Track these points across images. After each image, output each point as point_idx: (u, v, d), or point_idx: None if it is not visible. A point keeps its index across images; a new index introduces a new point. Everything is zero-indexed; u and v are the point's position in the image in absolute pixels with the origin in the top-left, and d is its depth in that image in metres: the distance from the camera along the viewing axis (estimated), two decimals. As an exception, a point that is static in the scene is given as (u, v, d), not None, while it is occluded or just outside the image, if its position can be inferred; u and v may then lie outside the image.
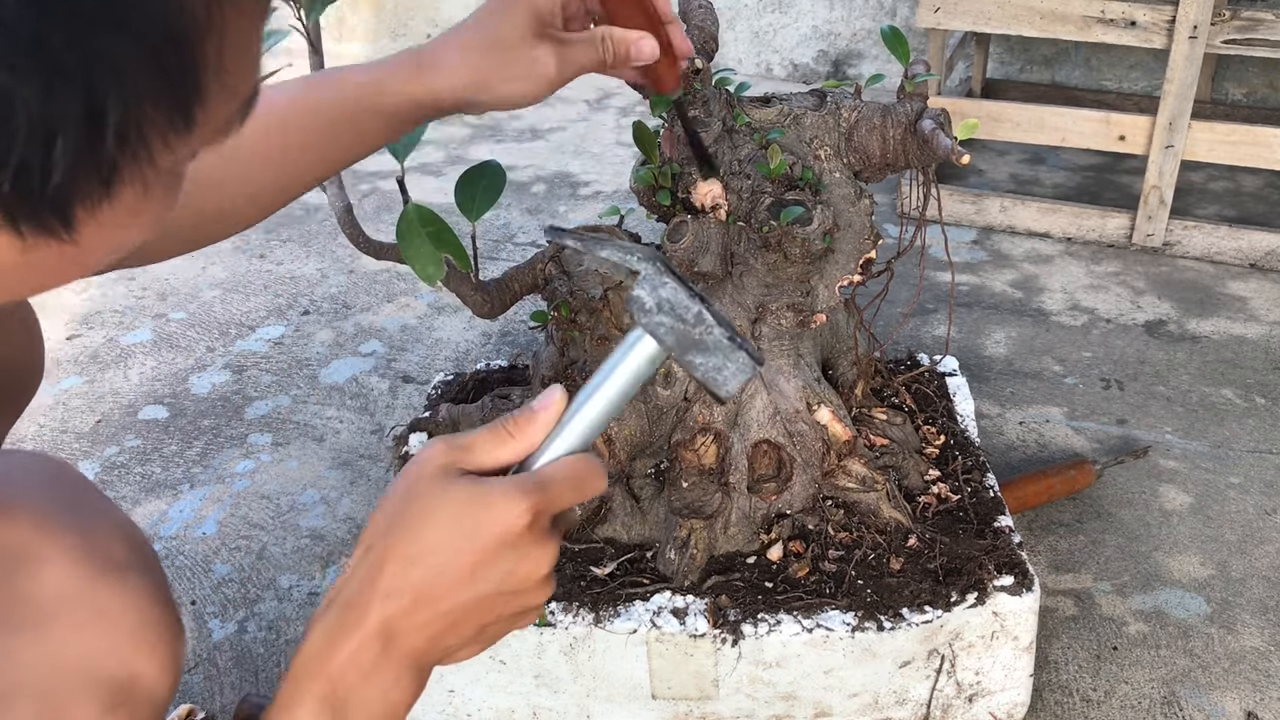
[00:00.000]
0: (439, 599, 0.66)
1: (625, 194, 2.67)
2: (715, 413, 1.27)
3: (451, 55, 0.94)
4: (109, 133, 0.44)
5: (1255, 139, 2.23)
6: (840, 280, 1.30)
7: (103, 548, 0.71)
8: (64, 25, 0.41)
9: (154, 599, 0.72)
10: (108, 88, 0.43)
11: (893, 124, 1.27)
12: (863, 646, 1.17)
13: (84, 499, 0.74)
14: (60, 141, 0.43)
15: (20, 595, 0.67)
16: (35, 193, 0.44)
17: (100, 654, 0.69)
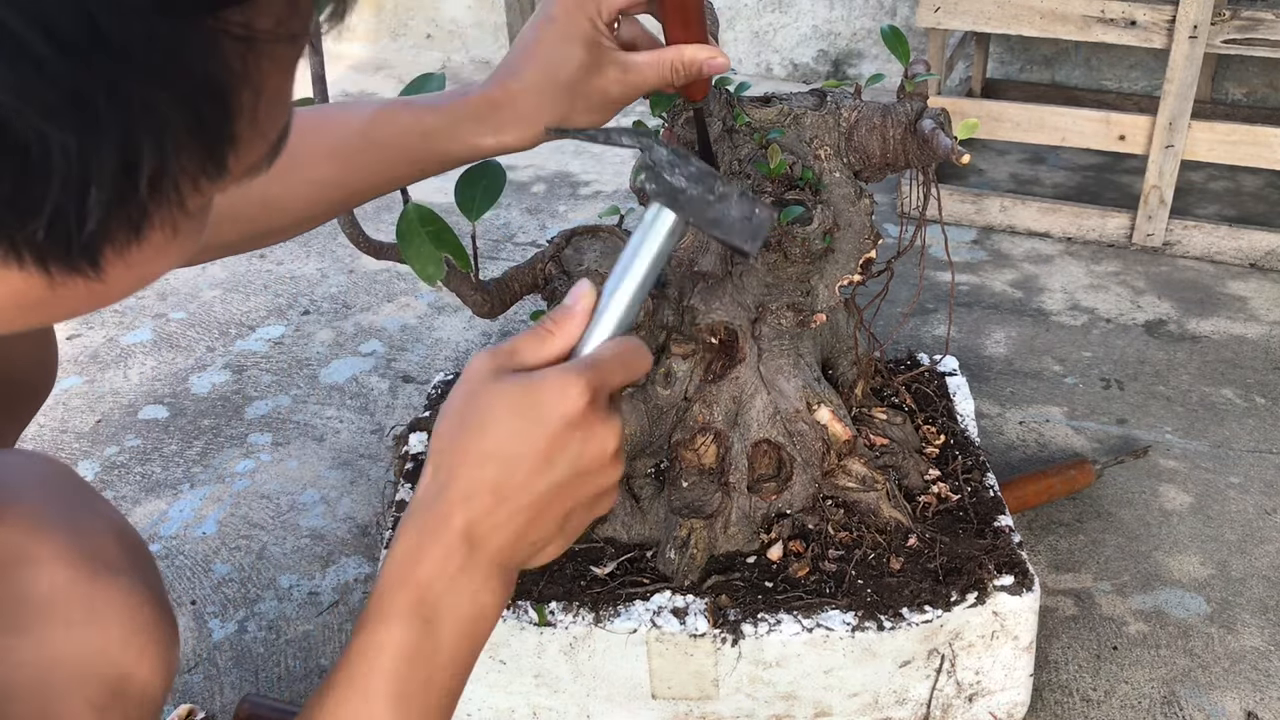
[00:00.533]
0: (517, 493, 0.67)
1: (625, 194, 2.67)
2: (715, 412, 1.27)
3: (525, 103, 0.92)
4: (142, 183, 0.44)
5: (1255, 139, 2.23)
6: (840, 280, 1.30)
7: (96, 548, 0.71)
8: (104, 75, 0.41)
9: (147, 600, 0.72)
10: (144, 138, 0.43)
11: (893, 124, 1.27)
12: (863, 646, 1.17)
13: (78, 499, 0.74)
14: (94, 191, 0.43)
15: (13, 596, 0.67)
16: (68, 240, 0.44)
17: (93, 655, 0.69)
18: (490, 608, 0.69)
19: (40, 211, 0.42)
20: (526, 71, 0.93)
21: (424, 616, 0.67)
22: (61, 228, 0.43)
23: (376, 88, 3.39)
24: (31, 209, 0.42)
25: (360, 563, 1.56)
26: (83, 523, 0.72)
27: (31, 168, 0.41)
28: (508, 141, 0.94)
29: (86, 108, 0.41)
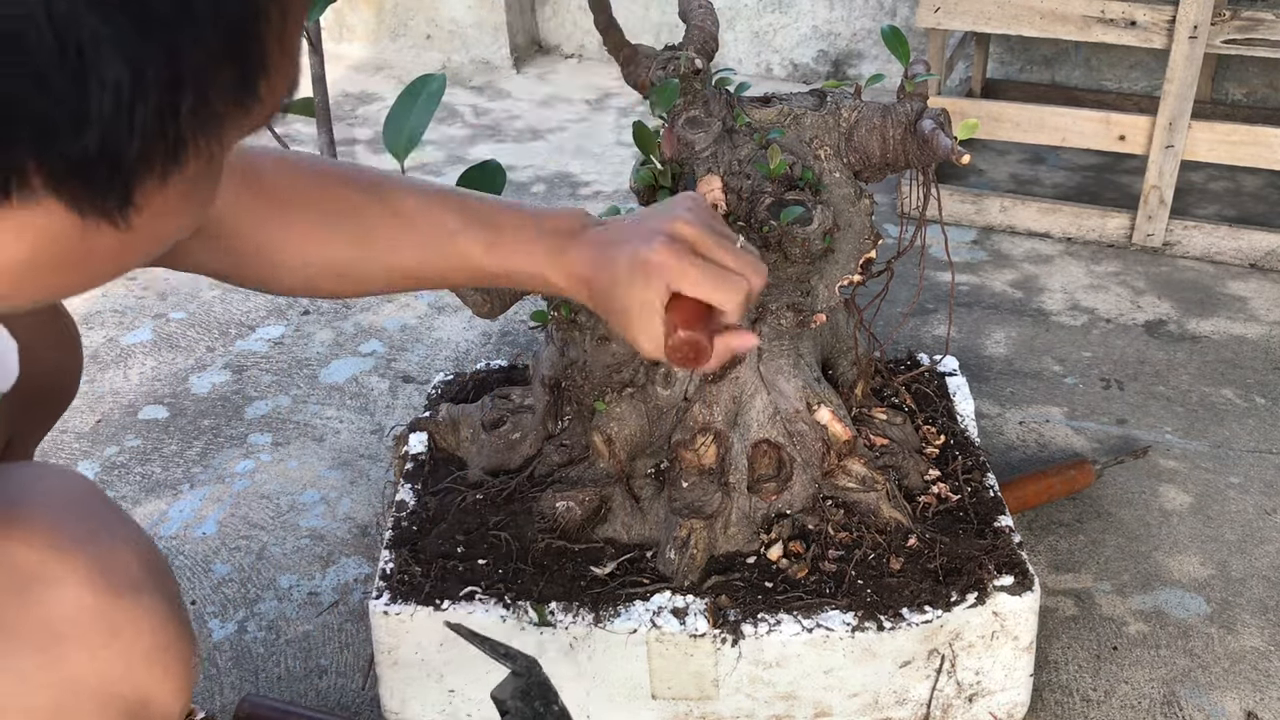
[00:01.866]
0: None
1: (625, 194, 2.67)
2: (715, 413, 1.27)
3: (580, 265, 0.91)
4: (184, 110, 0.45)
5: (1255, 139, 2.23)
6: (840, 280, 1.30)
7: (117, 567, 0.70)
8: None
9: (168, 619, 0.72)
10: (188, 55, 0.44)
11: (893, 124, 1.27)
12: (863, 646, 1.17)
13: (99, 515, 0.74)
14: (140, 109, 0.43)
15: (34, 617, 0.67)
16: (113, 161, 0.44)
17: (114, 676, 0.68)
18: None
19: (90, 124, 0.43)
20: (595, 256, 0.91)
21: None
22: (108, 150, 0.44)
23: (376, 88, 3.39)
24: (83, 121, 0.42)
25: (360, 563, 1.56)
26: (104, 541, 0.72)
27: (86, 72, 0.41)
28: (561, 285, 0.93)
29: (140, 13, 0.41)
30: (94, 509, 0.74)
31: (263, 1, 0.46)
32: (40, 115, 0.42)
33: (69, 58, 0.41)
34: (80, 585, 0.68)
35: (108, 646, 0.69)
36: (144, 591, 0.71)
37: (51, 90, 0.41)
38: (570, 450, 1.35)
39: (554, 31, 3.64)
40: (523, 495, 1.33)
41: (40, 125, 0.42)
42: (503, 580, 1.23)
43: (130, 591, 0.70)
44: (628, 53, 1.33)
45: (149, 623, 0.70)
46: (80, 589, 0.68)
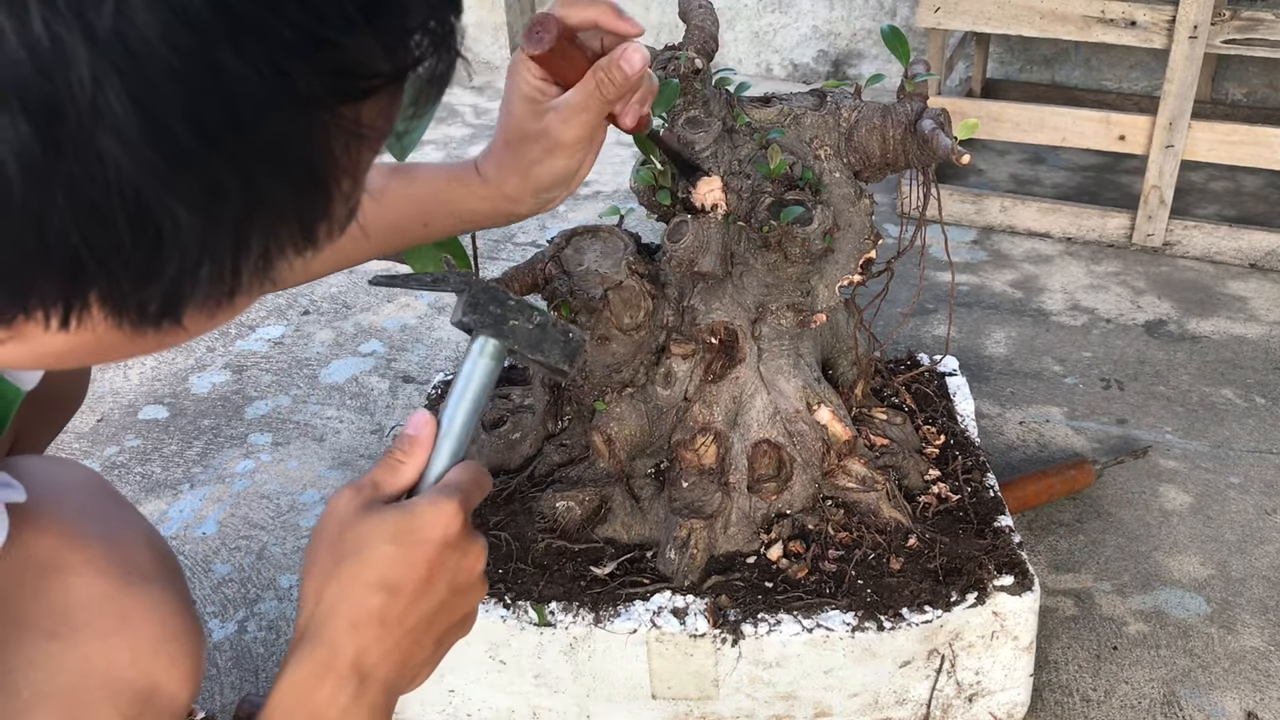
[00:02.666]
0: (402, 617, 0.67)
1: (625, 194, 2.67)
2: (715, 413, 1.27)
3: (489, 169, 0.96)
4: (246, 259, 0.47)
5: (1255, 139, 2.23)
6: (840, 280, 1.30)
7: (128, 558, 0.71)
8: (241, 166, 0.43)
9: (177, 609, 0.73)
10: (258, 222, 0.46)
11: (893, 124, 1.27)
12: (863, 646, 1.17)
13: (111, 508, 0.75)
14: (207, 266, 0.46)
15: (47, 605, 0.68)
16: (167, 308, 0.47)
17: (123, 664, 0.69)
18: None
19: (159, 282, 0.45)
20: (496, 140, 0.96)
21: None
22: (169, 297, 0.46)
23: (376, 88, 3.39)
24: (151, 280, 0.45)
25: (360, 563, 1.56)
26: (116, 532, 0.72)
27: (161, 247, 0.43)
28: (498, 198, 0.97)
29: (219, 195, 0.44)
30: (105, 502, 0.75)
31: (333, 172, 0.47)
32: (112, 273, 0.44)
33: (147, 235, 0.43)
34: (93, 574, 0.69)
35: (118, 634, 0.69)
36: (154, 582, 0.72)
37: (125, 256, 0.43)
38: (570, 450, 1.35)
39: (554, 31, 3.64)
40: (523, 495, 1.33)
41: (111, 280, 0.44)
42: (503, 580, 1.23)
43: (141, 581, 0.71)
44: (628, 53, 1.33)
45: (158, 612, 0.71)
46: (93, 578, 0.69)
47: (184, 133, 0.41)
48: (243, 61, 0.41)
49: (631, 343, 1.27)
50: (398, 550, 0.67)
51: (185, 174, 0.42)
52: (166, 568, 0.74)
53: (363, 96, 0.47)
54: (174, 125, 0.41)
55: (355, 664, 0.67)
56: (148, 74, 0.40)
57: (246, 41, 0.41)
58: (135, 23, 0.39)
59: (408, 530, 0.67)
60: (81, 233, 0.42)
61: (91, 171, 0.41)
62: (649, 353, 1.29)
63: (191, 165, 0.42)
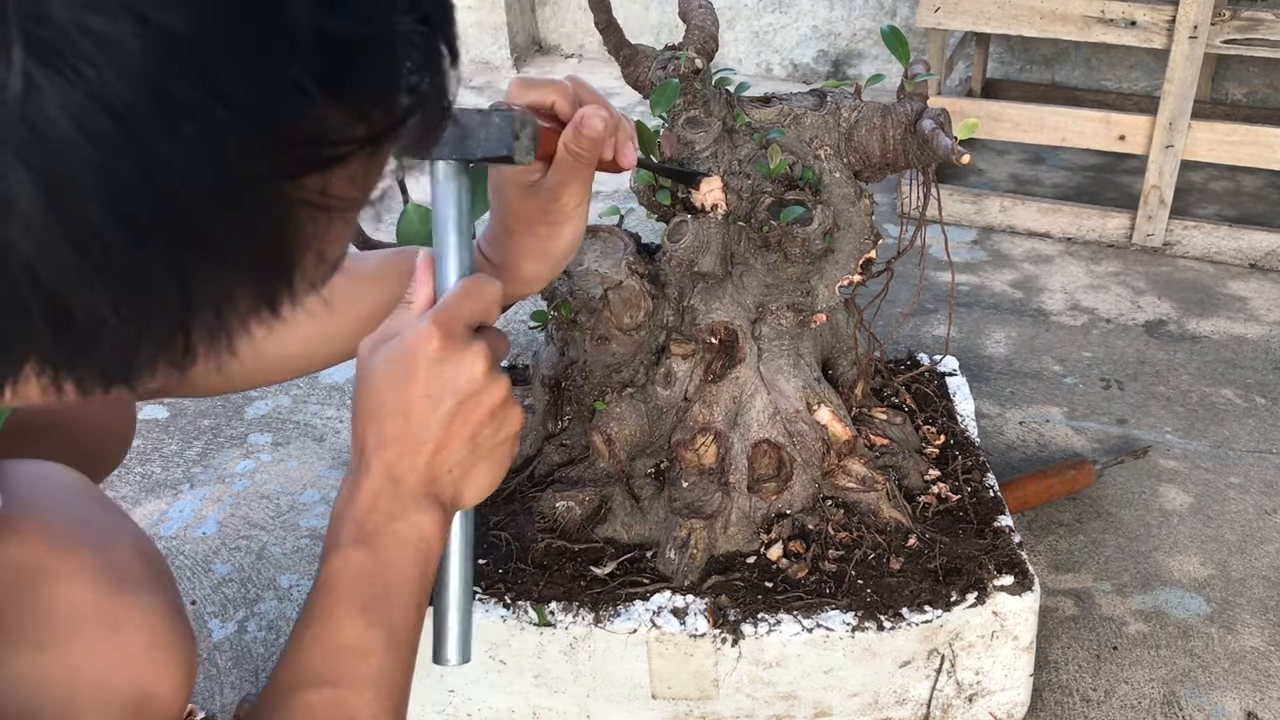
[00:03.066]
0: (418, 431, 0.72)
1: (625, 194, 2.67)
2: (715, 413, 1.27)
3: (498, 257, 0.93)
4: (195, 338, 0.44)
5: (1255, 139, 2.23)
6: (840, 280, 1.30)
7: (117, 564, 0.71)
8: (173, 260, 0.40)
9: (168, 616, 0.72)
10: (204, 308, 0.43)
11: (893, 124, 1.27)
12: (863, 646, 1.17)
13: (99, 513, 0.74)
14: (146, 348, 0.42)
15: (34, 614, 0.67)
16: (110, 381, 0.44)
17: (115, 673, 0.69)
18: (427, 527, 0.74)
19: (91, 366, 0.42)
20: (495, 229, 0.94)
21: (367, 542, 0.72)
22: (106, 375, 0.43)
23: (376, 88, 3.39)
24: (82, 364, 0.42)
25: (360, 563, 1.56)
26: (104, 537, 0.72)
27: (85, 340, 0.40)
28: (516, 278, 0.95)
29: (150, 290, 0.40)
30: (94, 508, 0.75)
31: (297, 248, 0.44)
32: (40, 356, 0.41)
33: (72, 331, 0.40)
34: (82, 581, 0.68)
35: (108, 642, 0.69)
36: (144, 589, 0.71)
37: (45, 348, 0.40)
38: (570, 450, 1.35)
39: (554, 31, 3.64)
40: (523, 495, 1.33)
41: (39, 361, 0.41)
42: (503, 580, 1.23)
43: (131, 588, 0.70)
44: (628, 53, 1.33)
45: (149, 619, 0.70)
46: (82, 585, 0.68)
47: (104, 228, 0.37)
48: (173, 144, 0.37)
49: (631, 343, 1.27)
50: (392, 378, 0.72)
51: (108, 273, 0.38)
52: (156, 573, 0.73)
53: (328, 167, 0.42)
54: (92, 219, 0.37)
55: (386, 473, 0.73)
56: (58, 162, 0.36)
57: (180, 124, 0.37)
58: (45, 108, 0.35)
59: (396, 360, 0.72)
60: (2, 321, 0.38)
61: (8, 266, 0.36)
62: (649, 353, 1.29)
63: (114, 264, 0.38)
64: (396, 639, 0.73)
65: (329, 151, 0.42)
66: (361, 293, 0.97)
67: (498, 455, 0.77)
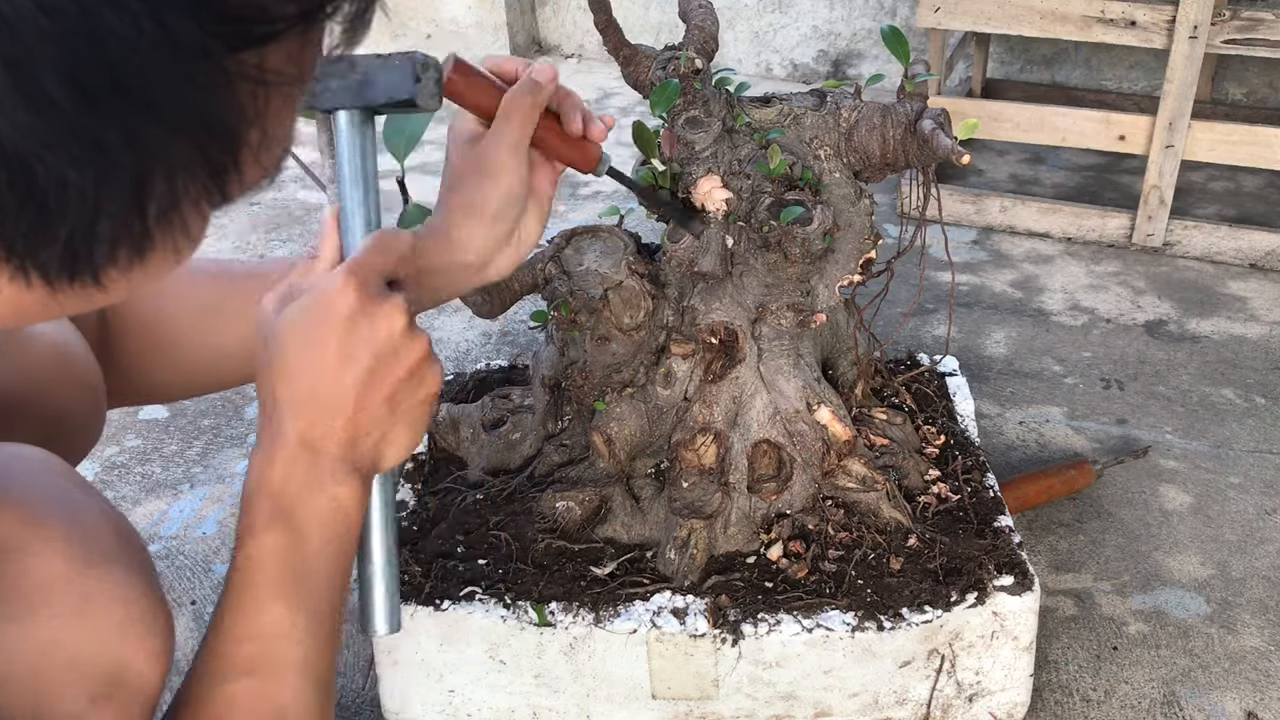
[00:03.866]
0: (332, 392, 0.70)
1: (625, 194, 2.67)
2: (715, 413, 1.27)
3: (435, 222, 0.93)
4: (151, 214, 0.46)
5: (1255, 139, 2.23)
6: (840, 280, 1.30)
7: (90, 538, 0.71)
8: (124, 122, 0.43)
9: (141, 590, 0.72)
10: (156, 175, 0.45)
11: (893, 124, 1.27)
12: (863, 646, 1.17)
13: (71, 490, 0.74)
14: (104, 222, 0.45)
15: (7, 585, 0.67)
16: (75, 264, 0.46)
17: (88, 644, 0.68)
18: (347, 499, 0.72)
19: (55, 242, 0.45)
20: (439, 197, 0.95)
21: (284, 519, 0.71)
22: (71, 254, 0.46)
23: (376, 88, 3.39)
24: (46, 241, 0.45)
25: (360, 563, 1.56)
26: (77, 513, 0.72)
27: (49, 206, 0.43)
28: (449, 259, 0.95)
29: (105, 152, 0.43)
30: (66, 485, 0.75)
31: (240, 123, 0.47)
32: (9, 219, 0.43)
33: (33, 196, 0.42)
34: (53, 554, 0.68)
35: (80, 614, 0.69)
36: (116, 563, 0.71)
37: (11, 216, 0.43)
38: (570, 450, 1.35)
39: (554, 31, 3.64)
40: (523, 495, 1.33)
41: (9, 225, 0.44)
42: (503, 580, 1.23)
43: (102, 561, 0.70)
44: (628, 53, 1.33)
45: (121, 592, 0.70)
46: (53, 558, 0.68)
47: (60, 94, 0.41)
48: (120, 18, 0.41)
49: (631, 343, 1.27)
50: (307, 334, 0.70)
51: (65, 135, 0.42)
52: (129, 547, 0.73)
53: (263, 42, 0.45)
54: (48, 86, 0.40)
55: (302, 441, 0.70)
56: (17, 35, 0.39)
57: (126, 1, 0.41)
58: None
59: (306, 316, 0.70)
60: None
61: None
62: (649, 353, 1.29)
63: (71, 126, 0.41)
64: (320, 620, 0.72)
65: (262, 29, 0.45)
66: None
67: (416, 416, 0.74)
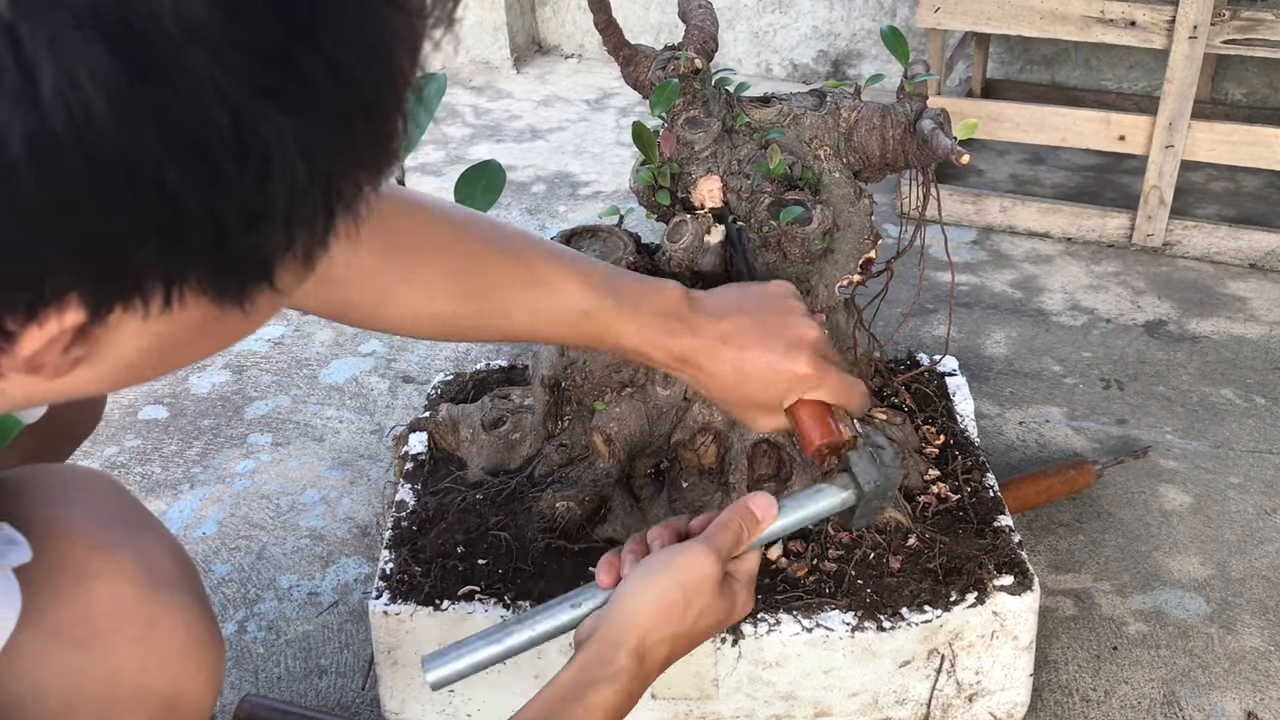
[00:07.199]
0: (674, 634, 0.86)
1: (625, 194, 2.67)
2: (715, 413, 1.27)
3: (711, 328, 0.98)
4: (346, 185, 0.44)
5: (1255, 139, 2.23)
6: (840, 280, 1.30)
7: (154, 564, 0.71)
8: (320, 52, 0.40)
9: (200, 615, 0.73)
10: (344, 130, 0.43)
11: (892, 124, 1.27)
12: (863, 646, 1.17)
13: (134, 516, 0.75)
14: (311, 195, 0.42)
15: (77, 613, 0.68)
16: (268, 262, 0.43)
17: (150, 670, 0.69)
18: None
19: (265, 220, 0.41)
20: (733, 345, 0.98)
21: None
22: (279, 237, 0.42)
23: (376, 88, 3.39)
24: (262, 217, 0.41)
25: (360, 563, 1.56)
26: (141, 540, 0.72)
27: (269, 166, 0.40)
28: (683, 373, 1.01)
29: (314, 88, 0.40)
30: (127, 509, 0.76)
31: (404, 67, 0.45)
32: (220, 222, 0.40)
33: (250, 157, 0.39)
34: (121, 581, 0.69)
35: (145, 640, 0.69)
36: (178, 589, 0.72)
37: (230, 190, 0.39)
38: (570, 450, 1.35)
39: (554, 31, 3.64)
40: (523, 495, 1.33)
41: (219, 232, 0.40)
42: (503, 580, 1.23)
43: (166, 588, 0.71)
44: (628, 53, 1.33)
45: (183, 618, 0.71)
46: (121, 584, 0.69)
47: (270, 26, 0.38)
48: None
49: (631, 343, 1.27)
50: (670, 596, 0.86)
51: (275, 70, 0.38)
52: (187, 574, 0.74)
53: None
54: (260, 20, 0.38)
55: (637, 651, 0.83)
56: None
57: None
58: None
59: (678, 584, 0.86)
60: (181, 171, 0.37)
61: (182, 92, 0.36)
62: (649, 353, 1.29)
63: (281, 59, 0.39)
64: None
65: None
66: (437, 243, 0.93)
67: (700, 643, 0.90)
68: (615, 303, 0.95)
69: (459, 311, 0.93)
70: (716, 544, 0.87)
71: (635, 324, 0.95)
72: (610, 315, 0.95)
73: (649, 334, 0.96)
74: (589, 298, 0.94)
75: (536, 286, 0.94)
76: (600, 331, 0.96)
